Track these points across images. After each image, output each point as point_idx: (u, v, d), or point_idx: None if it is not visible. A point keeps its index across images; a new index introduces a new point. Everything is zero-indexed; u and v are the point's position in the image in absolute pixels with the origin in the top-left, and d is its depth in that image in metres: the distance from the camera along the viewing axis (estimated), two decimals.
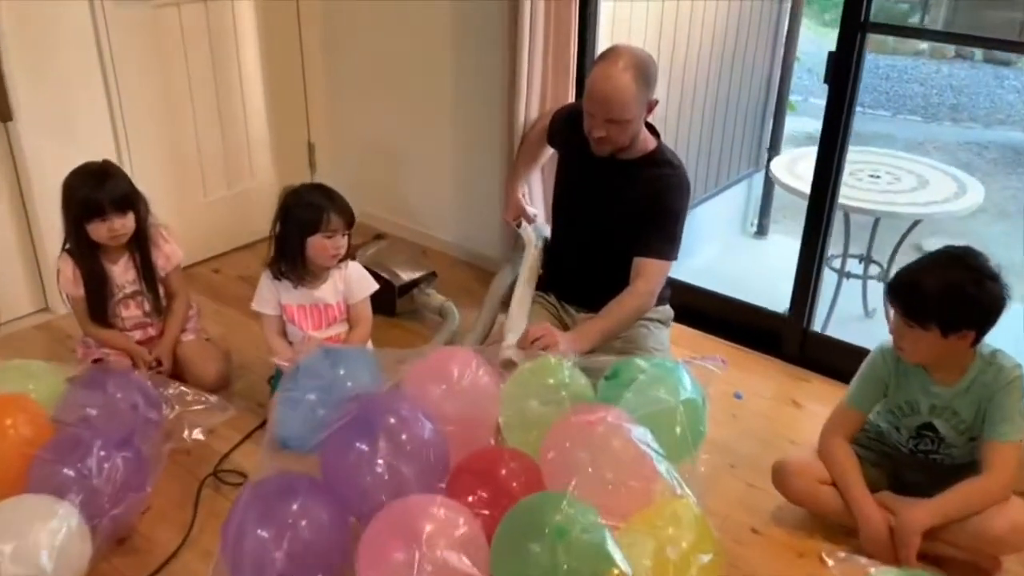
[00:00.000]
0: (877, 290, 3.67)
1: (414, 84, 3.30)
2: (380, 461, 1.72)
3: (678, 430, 1.91)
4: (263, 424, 2.33)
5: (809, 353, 2.72)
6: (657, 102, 2.29)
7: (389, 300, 2.88)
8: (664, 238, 2.33)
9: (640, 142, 2.33)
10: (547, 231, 2.70)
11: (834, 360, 2.66)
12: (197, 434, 2.18)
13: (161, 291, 2.54)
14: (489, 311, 2.65)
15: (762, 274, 3.97)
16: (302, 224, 2.28)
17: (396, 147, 3.48)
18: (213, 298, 3.08)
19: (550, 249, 2.65)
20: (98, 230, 2.33)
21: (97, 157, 2.87)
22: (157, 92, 3.01)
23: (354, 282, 2.40)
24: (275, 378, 2.40)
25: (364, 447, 1.75)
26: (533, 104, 2.77)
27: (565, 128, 2.50)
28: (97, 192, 2.30)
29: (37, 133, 2.71)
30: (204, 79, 3.13)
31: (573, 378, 2.03)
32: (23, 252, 2.83)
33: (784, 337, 2.75)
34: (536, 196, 2.90)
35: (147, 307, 2.50)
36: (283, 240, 2.31)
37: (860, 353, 2.61)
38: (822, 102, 2.48)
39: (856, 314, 3.72)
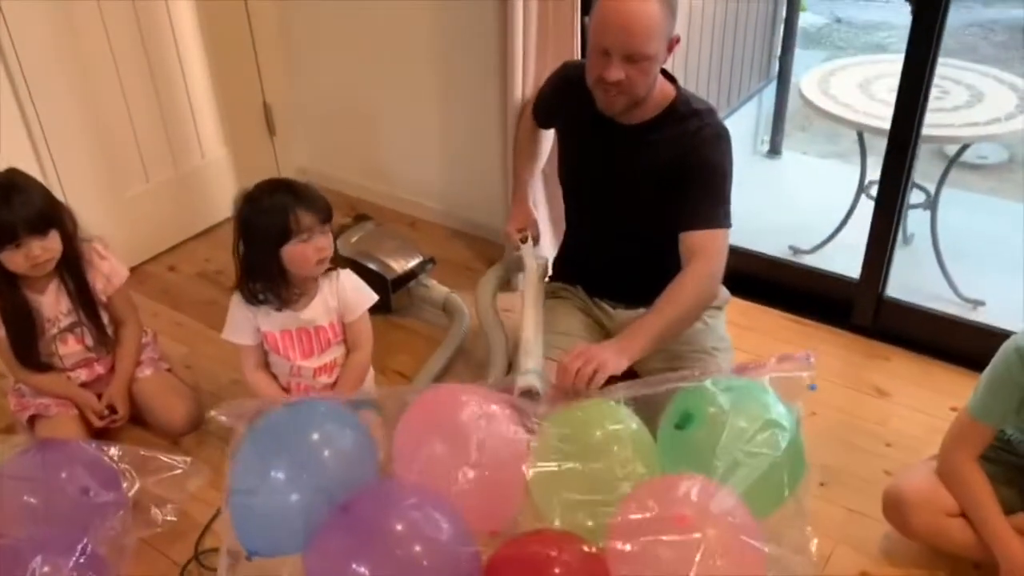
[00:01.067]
0: (919, 218, 3.24)
1: (387, 25, 2.75)
2: None
3: (786, 492, 1.44)
4: None
5: (884, 323, 2.32)
6: (679, 39, 1.79)
7: (382, 296, 2.41)
8: (713, 202, 1.84)
9: (657, 94, 1.84)
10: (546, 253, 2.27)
11: (913, 330, 2.29)
12: (169, 515, 1.75)
13: (106, 318, 2.07)
14: (497, 333, 2.15)
15: (780, 202, 3.57)
16: (267, 235, 1.79)
17: (370, 102, 2.94)
18: (171, 305, 2.61)
19: (567, 238, 2.19)
20: (14, 259, 1.86)
21: (7, 154, 2.37)
22: (73, 67, 2.47)
23: (349, 293, 1.93)
24: None
25: (364, 571, 1.30)
26: (531, 43, 2.25)
27: (560, 96, 2.01)
28: (3, 214, 1.81)
29: None
30: (129, 45, 2.58)
31: (631, 443, 1.48)
32: None
33: (854, 306, 2.34)
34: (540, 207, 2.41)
35: (89, 341, 2.03)
36: (250, 259, 1.83)
37: (943, 322, 2.26)
38: None
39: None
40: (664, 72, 1.86)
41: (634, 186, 1.89)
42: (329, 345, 1.94)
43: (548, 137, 2.23)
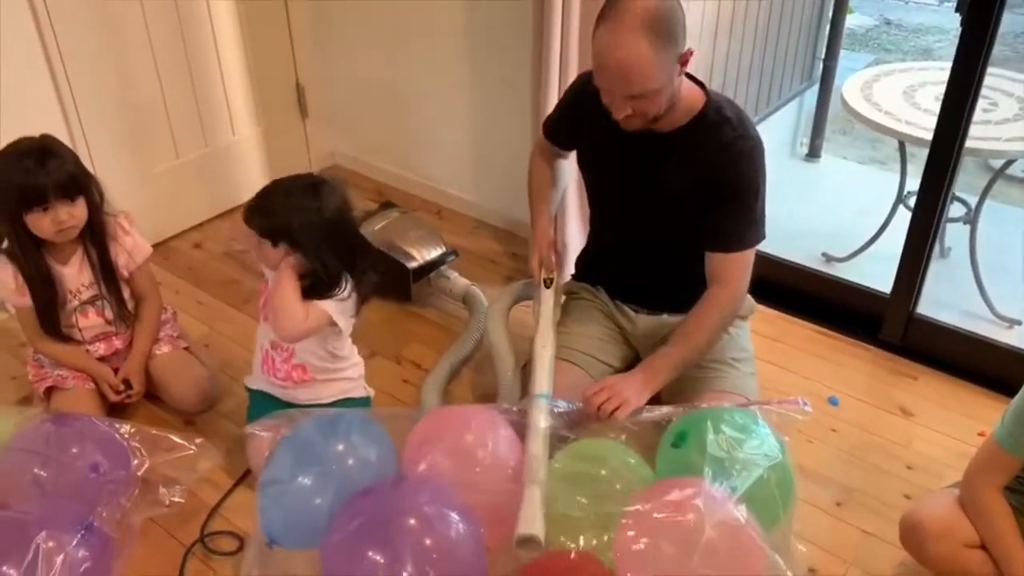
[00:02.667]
0: (958, 233, 3.15)
1: (423, 13, 2.72)
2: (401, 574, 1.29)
3: (779, 511, 1.49)
4: (248, 472, 1.91)
5: (913, 340, 2.25)
6: (691, 52, 1.67)
7: (403, 285, 2.40)
8: (742, 223, 1.79)
9: (683, 103, 1.75)
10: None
11: (943, 349, 2.22)
12: (176, 496, 1.75)
13: (127, 293, 2.07)
14: (507, 363, 2.00)
15: (816, 206, 3.49)
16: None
17: (403, 89, 2.92)
18: (193, 282, 2.62)
19: (591, 239, 2.14)
20: (41, 223, 1.86)
21: (38, 124, 2.36)
22: (107, 41, 2.46)
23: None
24: (250, 405, 1.96)
25: (379, 558, 1.31)
26: (570, 36, 2.21)
27: (583, 108, 1.88)
28: (36, 176, 1.82)
29: None
30: (165, 20, 2.57)
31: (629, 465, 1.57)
32: None
33: (884, 321, 2.27)
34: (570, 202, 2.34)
35: (109, 314, 2.04)
36: None
37: (976, 343, 2.19)
38: None
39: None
40: (691, 77, 1.78)
41: (662, 195, 1.83)
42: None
43: (564, 167, 2.12)
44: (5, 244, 1.94)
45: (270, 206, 1.70)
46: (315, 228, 1.68)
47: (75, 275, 1.99)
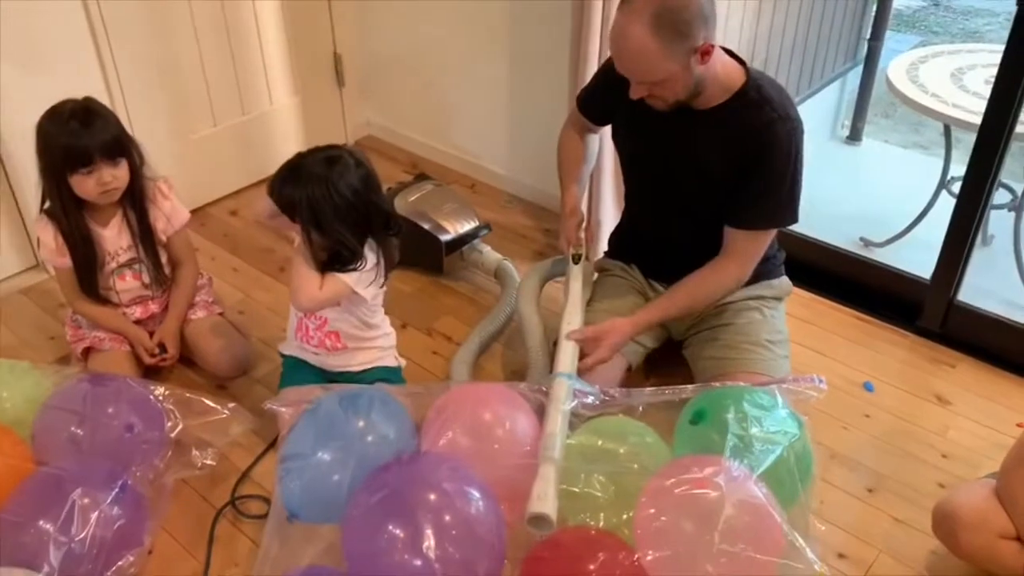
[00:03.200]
0: (1002, 220, 3.07)
1: None
2: (420, 549, 1.29)
3: (798, 489, 1.48)
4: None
5: (952, 328, 2.21)
6: (711, 46, 1.62)
7: (435, 258, 2.40)
8: (769, 202, 1.76)
9: (718, 83, 1.71)
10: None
11: (983, 337, 2.17)
12: (208, 458, 1.77)
13: (164, 257, 2.09)
14: (536, 341, 1.99)
15: (856, 190, 3.43)
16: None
17: (440, 61, 2.90)
18: (229, 249, 2.64)
19: (625, 216, 2.11)
20: (84, 184, 1.88)
21: (80, 89, 2.39)
22: (149, 10, 2.47)
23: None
24: (284, 371, 1.98)
25: (399, 532, 1.32)
26: (613, 5, 2.17)
27: (620, 84, 1.81)
28: (81, 137, 1.84)
29: (4, 66, 2.21)
30: None
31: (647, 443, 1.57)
32: (2, 202, 2.38)
33: (923, 307, 2.23)
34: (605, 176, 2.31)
35: (146, 278, 2.06)
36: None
37: (1016, 332, 2.15)
38: None
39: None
40: (732, 54, 1.75)
41: (698, 173, 1.80)
42: None
43: (595, 142, 2.10)
44: (47, 205, 1.96)
45: (288, 182, 1.69)
46: (329, 204, 1.66)
47: (114, 237, 2.01)
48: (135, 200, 2.00)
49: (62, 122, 1.86)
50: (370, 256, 1.76)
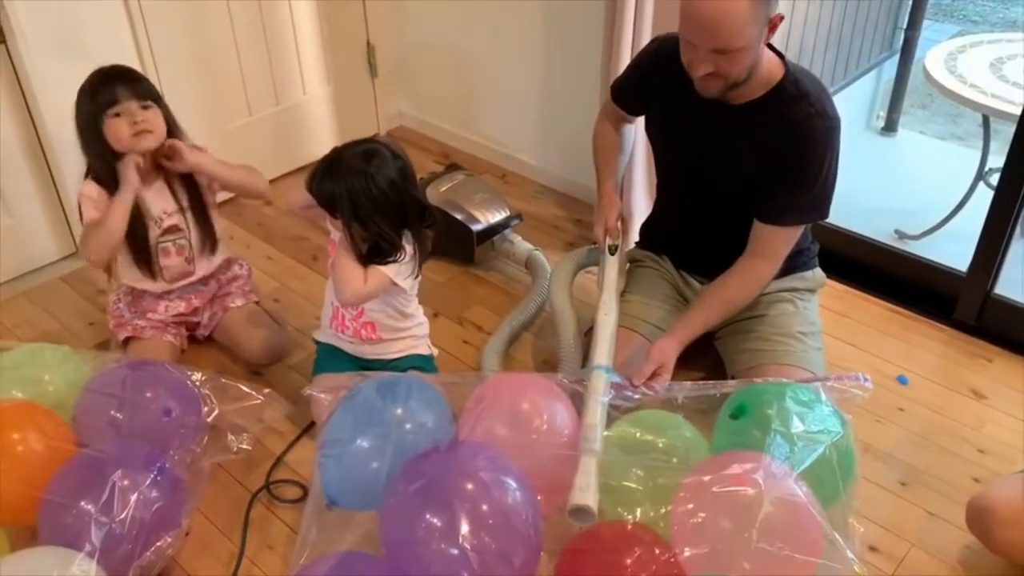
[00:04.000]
0: None
1: None
2: (457, 539, 1.30)
3: (840, 489, 1.47)
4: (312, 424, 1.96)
5: (989, 321, 2.19)
6: (781, 17, 1.63)
7: (466, 248, 2.42)
8: (801, 199, 1.74)
9: (762, 72, 1.69)
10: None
11: (1020, 331, 2.14)
12: (243, 443, 1.80)
13: (218, 227, 2.15)
14: (570, 333, 1.98)
15: (891, 182, 3.39)
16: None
17: (472, 52, 2.91)
18: (263, 238, 2.67)
19: (657, 207, 2.11)
20: (117, 128, 1.89)
21: None
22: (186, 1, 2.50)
23: None
24: (317, 358, 2.00)
25: (436, 521, 1.33)
26: (644, 4, 2.17)
27: (656, 73, 1.86)
28: (108, 79, 1.90)
29: (45, 55, 2.26)
30: None
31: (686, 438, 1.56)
32: (42, 189, 2.44)
33: (959, 301, 2.21)
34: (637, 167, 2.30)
35: (188, 252, 2.08)
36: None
37: None
38: None
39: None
40: (771, 47, 1.73)
41: (734, 167, 1.79)
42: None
43: (630, 132, 2.09)
44: (90, 173, 1.97)
45: (327, 177, 1.70)
46: (368, 197, 1.67)
47: (156, 199, 2.02)
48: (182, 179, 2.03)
49: (92, 77, 1.91)
50: (407, 247, 1.77)
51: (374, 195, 1.68)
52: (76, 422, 1.75)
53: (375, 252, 1.76)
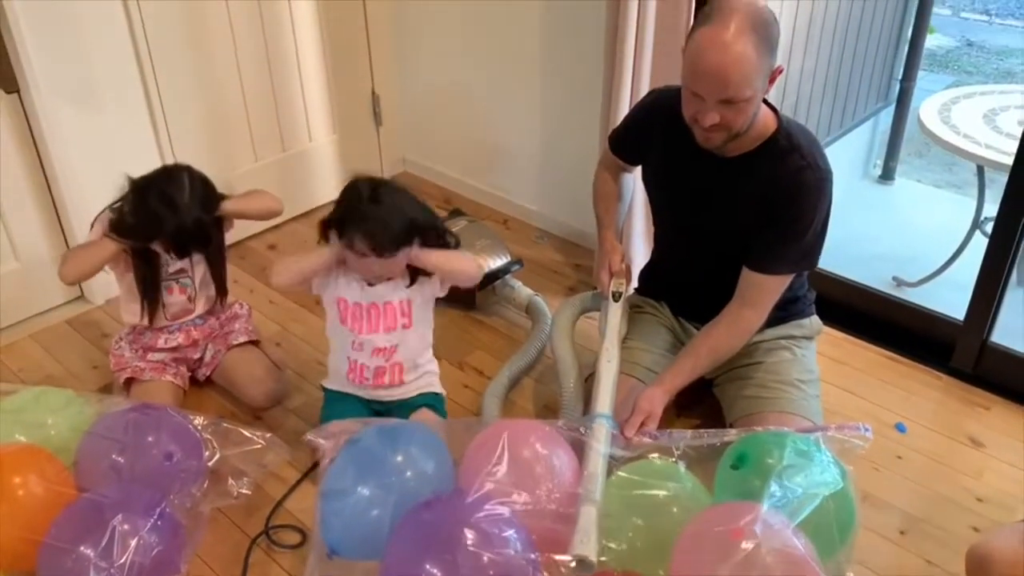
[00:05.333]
0: None
1: (497, 26, 2.77)
2: None
3: (836, 539, 1.48)
4: (316, 465, 1.97)
5: (986, 369, 2.20)
6: (781, 70, 1.68)
7: (468, 293, 2.44)
8: (789, 248, 1.77)
9: (758, 124, 1.73)
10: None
11: (1017, 379, 2.16)
12: (244, 488, 1.81)
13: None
14: (571, 380, 1.98)
15: (889, 229, 3.43)
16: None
17: (474, 100, 2.97)
18: (267, 282, 2.67)
19: (655, 255, 2.14)
20: (164, 252, 2.04)
21: (127, 124, 2.52)
22: (195, 47, 2.56)
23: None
24: (326, 403, 2.02)
25: (437, 572, 1.34)
26: (642, 56, 2.22)
27: (652, 126, 1.91)
28: (183, 238, 1.98)
29: (57, 105, 2.31)
30: (249, 29, 2.67)
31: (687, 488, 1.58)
32: (49, 234, 2.47)
33: (956, 348, 2.22)
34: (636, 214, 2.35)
35: (191, 292, 2.13)
36: None
37: None
38: (975, 16, 1.86)
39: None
40: (765, 101, 1.76)
41: (729, 219, 1.82)
42: (395, 324, 1.93)
43: (629, 181, 2.13)
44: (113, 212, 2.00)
45: (389, 224, 1.78)
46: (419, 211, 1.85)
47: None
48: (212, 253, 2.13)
49: (172, 212, 1.92)
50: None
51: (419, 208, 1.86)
52: (78, 466, 1.76)
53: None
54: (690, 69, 1.64)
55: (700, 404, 2.03)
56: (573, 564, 1.42)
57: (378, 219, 1.77)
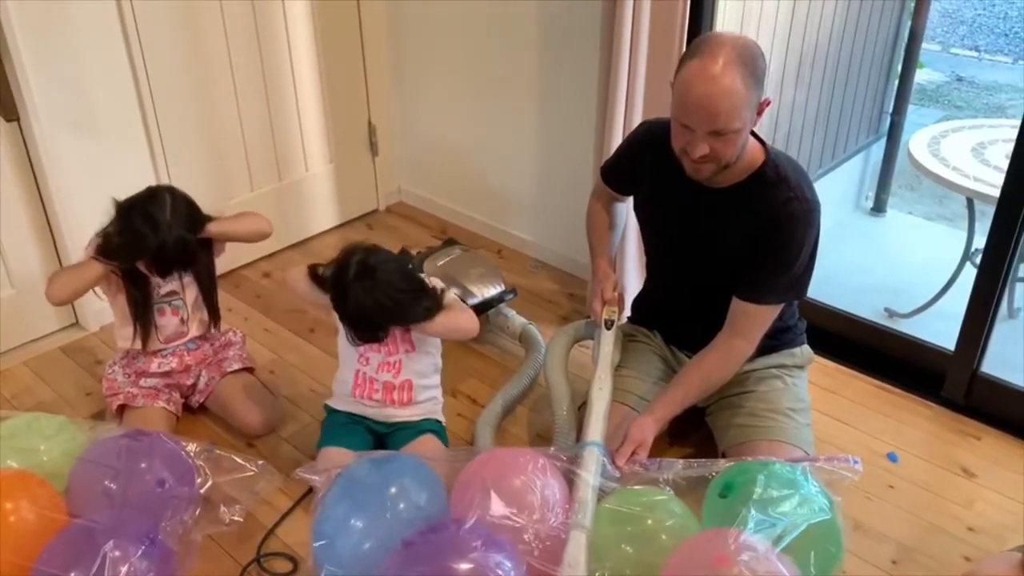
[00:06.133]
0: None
1: (492, 58, 2.81)
2: None
3: (824, 570, 1.49)
4: (310, 491, 1.97)
5: (977, 399, 2.21)
6: (768, 102, 1.71)
7: None
8: (777, 278, 1.79)
9: (746, 156, 1.76)
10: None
11: (1009, 409, 2.17)
12: (236, 515, 1.80)
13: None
14: (564, 408, 1.99)
15: (881, 261, 3.46)
16: None
17: (469, 131, 3.00)
18: (262, 310, 2.70)
19: (647, 284, 2.15)
20: (150, 278, 2.07)
21: (125, 153, 2.54)
22: (193, 76, 2.59)
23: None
24: (327, 419, 2.03)
25: None
26: (635, 88, 2.25)
27: (643, 159, 1.94)
28: (167, 256, 1.99)
29: (56, 133, 2.33)
30: (247, 61, 2.71)
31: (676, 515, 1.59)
32: (45, 261, 2.48)
33: (947, 378, 2.23)
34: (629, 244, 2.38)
35: (184, 315, 2.14)
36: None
37: None
38: (964, 53, 1.89)
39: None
40: (753, 134, 1.78)
41: (717, 249, 1.85)
42: (397, 350, 1.94)
43: (622, 210, 2.15)
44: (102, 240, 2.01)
45: (366, 317, 1.81)
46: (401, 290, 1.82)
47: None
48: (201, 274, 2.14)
49: (154, 231, 1.94)
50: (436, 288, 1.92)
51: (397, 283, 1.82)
52: (70, 492, 1.76)
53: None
54: (679, 101, 1.67)
55: (694, 433, 2.03)
56: None
57: (356, 309, 1.80)
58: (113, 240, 1.97)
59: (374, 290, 1.78)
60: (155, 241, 1.94)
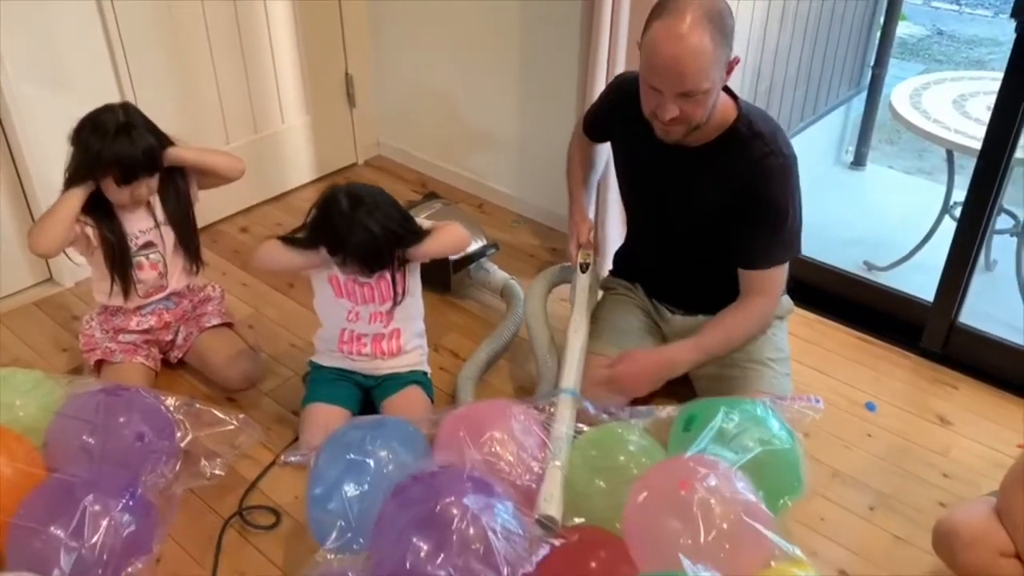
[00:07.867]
0: (1005, 244, 3.10)
1: (472, 8, 2.75)
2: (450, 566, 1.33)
3: (784, 498, 1.57)
4: (295, 440, 1.97)
5: (954, 350, 2.23)
6: (738, 60, 1.68)
7: (443, 276, 2.43)
8: (774, 241, 1.79)
9: (718, 114, 1.73)
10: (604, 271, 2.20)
11: (985, 359, 2.20)
12: (217, 469, 1.79)
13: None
14: (544, 349, 2.02)
15: (860, 215, 3.46)
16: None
17: (449, 83, 2.95)
18: (240, 265, 2.67)
19: (628, 238, 2.15)
20: (118, 193, 1.96)
21: (96, 103, 2.46)
22: (164, 26, 2.52)
23: None
24: (310, 374, 2.03)
25: (425, 546, 1.35)
26: (618, 39, 2.22)
27: (616, 112, 1.91)
28: (126, 157, 1.91)
29: (25, 85, 2.27)
30: (221, 8, 2.63)
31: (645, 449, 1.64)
32: (16, 215, 2.43)
33: (925, 329, 2.25)
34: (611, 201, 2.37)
35: (163, 267, 2.09)
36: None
37: (1017, 354, 2.17)
38: (945, 6, 1.89)
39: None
40: (726, 89, 1.76)
41: (694, 208, 1.83)
42: (388, 296, 1.92)
43: (602, 151, 2.14)
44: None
45: (372, 248, 1.77)
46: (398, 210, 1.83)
47: (133, 220, 2.03)
48: (170, 195, 2.06)
49: (107, 137, 1.89)
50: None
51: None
52: (47, 447, 1.74)
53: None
54: (647, 63, 1.64)
55: (672, 384, 2.04)
56: (537, 522, 1.47)
57: (364, 237, 1.76)
58: (74, 163, 1.93)
59: (375, 212, 1.75)
60: (113, 147, 1.89)
